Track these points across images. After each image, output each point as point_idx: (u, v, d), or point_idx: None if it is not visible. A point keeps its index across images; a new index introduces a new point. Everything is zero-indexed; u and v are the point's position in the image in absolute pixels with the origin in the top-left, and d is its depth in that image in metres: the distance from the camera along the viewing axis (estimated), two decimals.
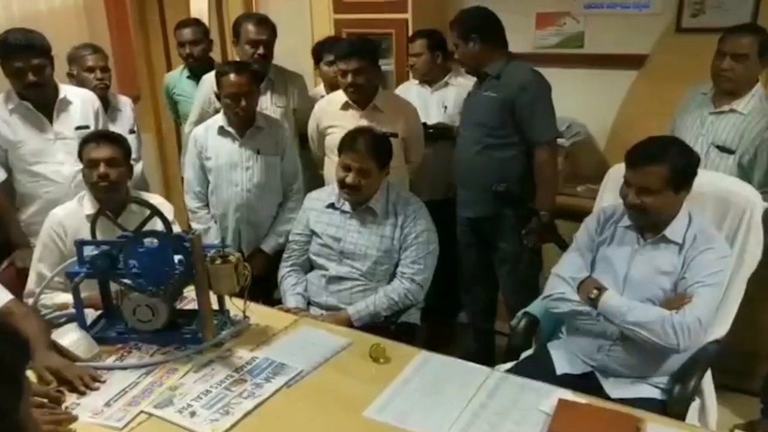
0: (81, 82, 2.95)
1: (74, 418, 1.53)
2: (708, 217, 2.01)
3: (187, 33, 3.34)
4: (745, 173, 2.40)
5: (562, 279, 1.97)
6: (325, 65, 3.19)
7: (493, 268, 2.82)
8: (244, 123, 2.64)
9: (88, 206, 2.17)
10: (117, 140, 2.20)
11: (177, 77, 3.53)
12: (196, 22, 3.45)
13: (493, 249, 2.76)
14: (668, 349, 1.77)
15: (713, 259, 1.82)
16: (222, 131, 2.66)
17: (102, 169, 2.10)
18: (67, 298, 1.96)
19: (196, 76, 3.35)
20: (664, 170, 1.79)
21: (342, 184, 2.28)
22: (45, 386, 1.60)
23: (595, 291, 1.88)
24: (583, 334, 1.94)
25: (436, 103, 3.11)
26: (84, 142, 2.18)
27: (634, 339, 1.81)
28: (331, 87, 3.08)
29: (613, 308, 1.83)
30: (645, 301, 1.86)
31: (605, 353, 1.90)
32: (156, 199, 2.30)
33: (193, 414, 1.55)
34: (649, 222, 1.90)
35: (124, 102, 3.19)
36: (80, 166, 2.21)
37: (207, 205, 2.76)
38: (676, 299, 1.81)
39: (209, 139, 2.68)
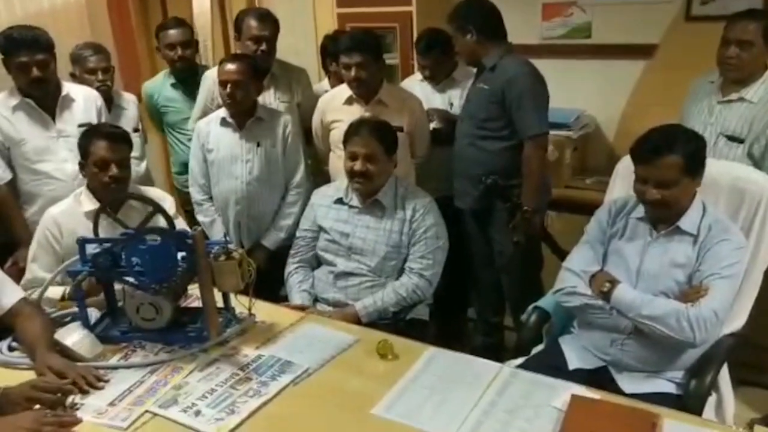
0: (83, 84, 2.88)
1: (78, 421, 1.50)
2: (722, 207, 1.96)
3: (175, 34, 3.11)
4: (754, 162, 2.35)
5: (573, 272, 1.92)
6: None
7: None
8: (239, 114, 2.62)
9: (87, 203, 2.11)
10: (126, 139, 2.16)
11: (160, 86, 3.25)
12: (183, 23, 3.20)
13: (491, 241, 2.73)
14: (684, 343, 1.73)
15: (729, 250, 1.77)
16: (224, 122, 2.66)
17: (115, 171, 2.06)
18: (56, 292, 1.94)
19: (181, 82, 3.17)
20: (678, 159, 1.74)
21: (351, 173, 2.26)
22: (56, 381, 1.58)
23: (607, 284, 1.84)
24: (595, 328, 1.90)
25: (440, 101, 3.06)
26: (90, 137, 2.11)
27: (649, 333, 1.76)
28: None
29: (627, 302, 1.79)
30: (659, 294, 1.81)
31: (618, 347, 1.86)
32: (155, 193, 2.27)
33: (198, 413, 1.53)
34: (670, 214, 1.85)
35: (129, 100, 3.13)
36: None
37: (211, 198, 2.74)
38: (691, 291, 1.77)
39: (211, 131, 2.68)
